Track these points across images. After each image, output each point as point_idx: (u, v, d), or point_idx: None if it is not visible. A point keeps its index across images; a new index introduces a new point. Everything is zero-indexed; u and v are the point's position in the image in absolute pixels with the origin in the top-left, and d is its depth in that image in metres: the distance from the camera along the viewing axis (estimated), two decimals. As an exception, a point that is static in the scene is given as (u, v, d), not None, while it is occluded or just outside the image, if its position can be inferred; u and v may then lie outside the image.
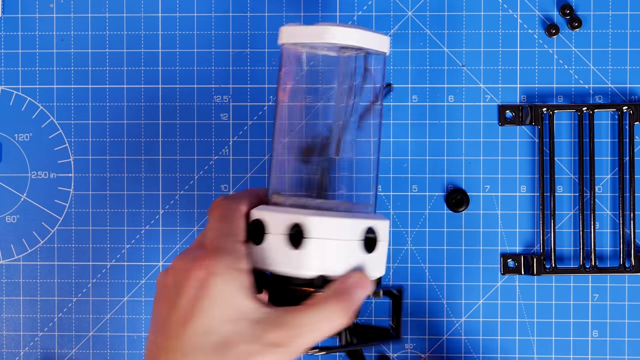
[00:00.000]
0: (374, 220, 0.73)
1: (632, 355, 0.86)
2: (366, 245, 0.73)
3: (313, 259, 0.71)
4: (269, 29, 0.87)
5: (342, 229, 0.72)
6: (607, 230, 0.86)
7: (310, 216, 0.71)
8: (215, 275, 0.67)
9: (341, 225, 0.72)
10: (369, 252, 0.73)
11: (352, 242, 0.72)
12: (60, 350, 0.87)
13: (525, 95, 0.86)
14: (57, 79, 0.87)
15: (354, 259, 0.72)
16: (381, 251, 0.74)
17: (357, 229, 0.72)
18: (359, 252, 0.72)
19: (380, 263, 0.74)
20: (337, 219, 0.72)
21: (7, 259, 0.88)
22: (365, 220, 0.73)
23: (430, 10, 0.86)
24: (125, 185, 0.87)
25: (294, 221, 0.72)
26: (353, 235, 0.72)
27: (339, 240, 0.72)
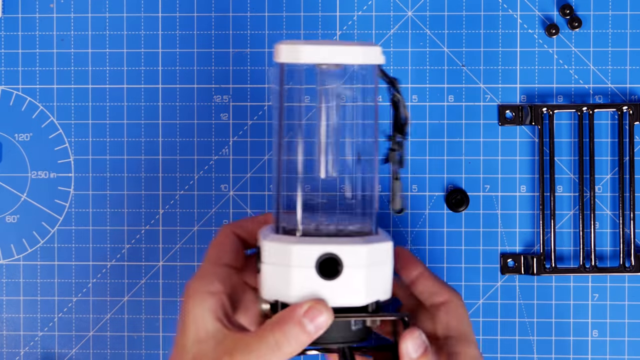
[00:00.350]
0: (339, 245, 0.71)
1: (632, 355, 0.86)
2: (322, 271, 0.70)
3: (265, 284, 0.71)
4: (269, 29, 0.87)
5: (296, 255, 0.70)
6: (607, 230, 0.86)
7: (265, 241, 0.72)
8: (189, 298, 0.72)
9: (294, 252, 0.70)
10: (328, 278, 0.70)
11: (305, 269, 0.70)
12: (60, 350, 0.87)
13: (525, 95, 0.86)
14: (57, 79, 0.87)
15: (309, 286, 0.70)
16: (348, 277, 0.70)
17: (310, 256, 0.70)
18: (315, 279, 0.70)
19: (348, 290, 0.70)
20: (291, 245, 0.71)
21: (7, 259, 0.88)
22: (324, 245, 0.70)
23: (430, 10, 0.86)
24: (125, 185, 0.87)
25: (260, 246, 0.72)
26: (306, 262, 0.70)
27: (291, 266, 0.70)
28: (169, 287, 0.87)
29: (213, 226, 0.87)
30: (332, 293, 0.70)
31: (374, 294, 0.71)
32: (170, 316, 0.87)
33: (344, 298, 0.70)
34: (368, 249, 0.71)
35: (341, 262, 0.70)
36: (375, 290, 0.71)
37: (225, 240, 0.75)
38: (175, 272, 0.87)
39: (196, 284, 0.72)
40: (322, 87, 0.75)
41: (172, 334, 0.87)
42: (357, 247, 0.70)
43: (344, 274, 0.70)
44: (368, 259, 0.71)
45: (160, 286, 0.87)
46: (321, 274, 0.70)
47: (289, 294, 0.70)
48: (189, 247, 0.87)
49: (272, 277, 0.71)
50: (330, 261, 0.70)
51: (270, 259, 0.71)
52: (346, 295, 0.70)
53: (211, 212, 0.87)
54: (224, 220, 0.86)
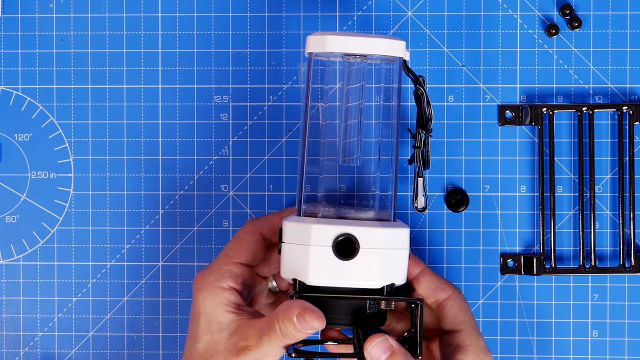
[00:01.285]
0: (356, 227, 0.73)
1: (632, 355, 0.86)
2: (339, 252, 0.73)
3: (285, 263, 0.75)
4: (269, 29, 0.87)
5: (315, 234, 0.73)
6: (607, 230, 0.86)
7: (286, 222, 0.75)
8: (199, 291, 0.77)
9: (313, 230, 0.73)
10: (345, 259, 0.73)
11: (322, 247, 0.73)
12: (60, 350, 0.87)
13: (525, 95, 0.86)
14: (57, 79, 0.87)
15: (325, 266, 0.73)
16: (364, 259, 0.73)
17: (327, 235, 0.73)
18: (332, 259, 0.73)
19: (363, 271, 0.73)
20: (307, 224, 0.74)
21: (7, 259, 0.88)
22: (342, 226, 0.73)
23: (430, 10, 0.86)
24: (125, 185, 0.87)
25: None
26: (323, 241, 0.73)
27: (310, 245, 0.74)
28: (169, 287, 0.87)
29: (213, 226, 0.87)
30: (349, 274, 0.73)
31: (389, 277, 0.74)
32: (170, 316, 0.87)
33: (359, 279, 0.73)
34: (385, 232, 0.73)
35: (358, 243, 0.73)
36: (391, 273, 0.74)
37: (247, 238, 0.78)
38: (175, 272, 0.87)
39: (208, 277, 0.76)
40: (347, 70, 0.79)
41: (172, 334, 0.87)
42: (375, 230, 0.73)
43: (360, 255, 0.73)
44: (384, 242, 0.73)
45: (160, 286, 0.87)
46: (338, 254, 0.73)
47: (307, 273, 0.73)
48: (189, 247, 0.87)
49: (291, 256, 0.74)
50: (347, 242, 0.73)
51: (290, 239, 0.74)
52: (362, 276, 0.73)
53: (211, 212, 0.87)
54: (249, 216, 0.86)
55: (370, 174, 0.80)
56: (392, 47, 0.74)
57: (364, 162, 0.80)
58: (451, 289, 0.79)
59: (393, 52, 0.75)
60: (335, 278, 0.73)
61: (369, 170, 0.80)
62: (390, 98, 0.79)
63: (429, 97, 0.78)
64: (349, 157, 0.79)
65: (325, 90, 0.79)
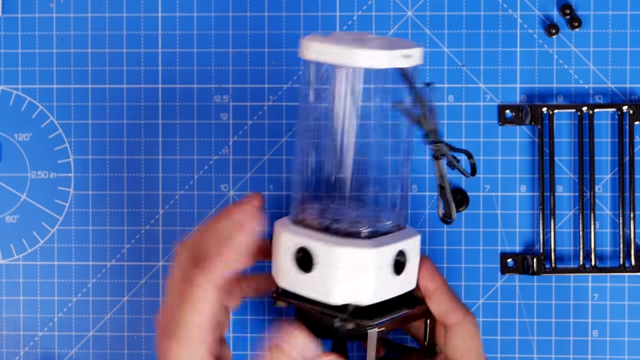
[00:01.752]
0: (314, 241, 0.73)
1: (632, 355, 0.86)
2: (299, 261, 0.73)
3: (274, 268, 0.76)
4: (269, 29, 0.87)
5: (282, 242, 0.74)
6: (607, 230, 0.86)
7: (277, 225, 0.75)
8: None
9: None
10: (303, 271, 0.73)
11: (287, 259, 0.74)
12: (60, 350, 0.87)
13: (525, 95, 0.86)
14: (57, 78, 0.87)
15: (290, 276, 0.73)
16: (320, 272, 0.72)
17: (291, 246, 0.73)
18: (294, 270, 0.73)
19: (321, 286, 0.72)
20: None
21: (7, 259, 0.88)
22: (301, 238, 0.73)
23: (430, 10, 0.86)
24: (125, 185, 0.87)
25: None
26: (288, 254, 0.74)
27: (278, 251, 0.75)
28: (169, 287, 0.87)
29: (213, 226, 0.87)
30: (310, 286, 0.72)
31: (348, 296, 0.72)
32: (170, 316, 0.87)
33: (318, 293, 0.72)
34: (344, 252, 0.72)
35: (313, 258, 0.72)
36: (350, 293, 0.72)
37: (208, 309, 0.70)
38: (175, 272, 0.87)
39: (180, 352, 0.70)
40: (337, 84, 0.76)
41: (172, 334, 0.87)
42: (334, 248, 0.72)
43: (318, 270, 0.72)
44: (343, 261, 0.71)
45: (160, 286, 0.87)
46: (298, 264, 0.73)
47: (277, 277, 0.74)
48: (189, 247, 0.87)
49: (274, 257, 0.74)
50: (307, 255, 0.72)
51: (274, 241, 0.74)
52: (320, 290, 0.72)
53: (211, 212, 0.87)
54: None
55: (353, 183, 0.79)
56: (378, 58, 0.71)
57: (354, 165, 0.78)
58: (461, 313, 0.75)
59: (375, 65, 0.71)
60: (297, 287, 0.73)
61: (361, 173, 0.79)
62: (384, 102, 0.76)
63: (427, 106, 0.74)
64: (334, 170, 0.77)
65: (319, 93, 0.77)
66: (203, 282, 0.69)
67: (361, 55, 0.70)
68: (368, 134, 0.75)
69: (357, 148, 0.75)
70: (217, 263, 0.69)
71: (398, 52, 0.71)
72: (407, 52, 0.71)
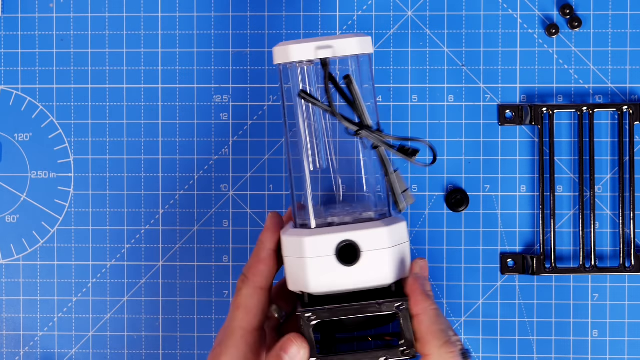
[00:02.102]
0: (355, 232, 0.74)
1: (632, 355, 0.86)
2: (341, 258, 0.74)
3: (289, 277, 0.76)
4: (269, 29, 0.87)
5: (309, 247, 0.75)
6: (607, 230, 0.86)
7: (284, 236, 0.76)
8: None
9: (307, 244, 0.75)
10: (348, 264, 0.74)
11: (321, 258, 0.74)
12: (60, 350, 0.87)
13: (525, 95, 0.86)
14: (57, 78, 0.87)
15: (327, 274, 0.74)
16: (369, 260, 0.74)
17: (325, 245, 0.74)
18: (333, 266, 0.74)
19: (368, 273, 0.74)
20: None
21: (7, 259, 0.88)
22: (338, 234, 0.74)
23: (430, 10, 0.86)
24: (125, 185, 0.87)
25: None
26: (322, 252, 0.74)
27: (306, 258, 0.75)
28: (169, 287, 0.87)
29: (213, 226, 0.87)
30: (355, 278, 0.74)
31: (398, 272, 0.75)
32: (170, 316, 0.87)
33: (368, 282, 0.74)
34: (387, 231, 0.74)
35: (358, 247, 0.74)
36: (399, 268, 0.75)
37: (253, 304, 0.77)
38: (175, 272, 0.87)
39: (227, 356, 0.76)
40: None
41: (172, 333, 0.87)
42: (376, 230, 0.74)
43: (365, 257, 0.74)
44: (389, 240, 0.74)
45: (160, 286, 0.87)
46: (342, 261, 0.74)
47: (308, 285, 0.74)
48: (189, 247, 0.87)
49: (293, 269, 0.75)
50: (349, 248, 0.74)
51: (288, 252, 0.75)
52: (370, 277, 0.74)
53: (211, 212, 0.87)
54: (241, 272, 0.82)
55: (359, 176, 0.80)
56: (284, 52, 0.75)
57: (349, 161, 0.80)
58: (433, 348, 0.74)
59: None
60: (339, 285, 0.74)
61: (357, 170, 0.80)
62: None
63: (355, 94, 0.76)
64: (317, 161, 0.79)
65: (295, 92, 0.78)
66: (245, 287, 0.77)
67: (277, 51, 0.75)
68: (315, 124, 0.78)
69: (311, 141, 0.78)
70: (256, 270, 0.77)
71: (312, 44, 0.74)
72: (322, 44, 0.74)
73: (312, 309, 0.74)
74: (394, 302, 0.74)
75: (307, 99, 0.75)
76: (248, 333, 0.76)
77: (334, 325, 0.76)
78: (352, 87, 0.75)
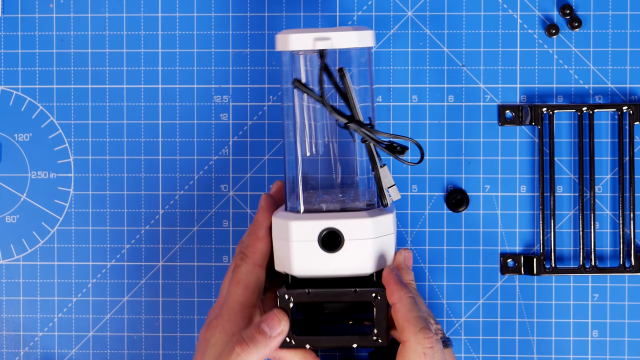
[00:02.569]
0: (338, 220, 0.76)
1: (632, 355, 0.86)
2: (324, 244, 0.76)
3: (276, 257, 0.79)
4: (269, 29, 0.87)
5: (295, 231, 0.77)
6: (607, 230, 0.86)
7: (274, 217, 0.78)
8: (217, 341, 0.78)
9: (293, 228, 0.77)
10: (330, 251, 0.76)
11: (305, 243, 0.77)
12: (60, 350, 0.87)
13: (525, 95, 0.86)
14: (57, 79, 0.87)
15: (310, 259, 0.77)
16: (351, 248, 0.76)
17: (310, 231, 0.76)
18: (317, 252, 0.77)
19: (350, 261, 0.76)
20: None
21: (7, 259, 0.88)
22: (323, 221, 0.76)
23: (430, 10, 0.86)
24: (125, 185, 0.87)
25: None
26: (306, 237, 0.77)
27: (291, 241, 0.77)
28: (169, 287, 0.87)
29: (213, 226, 0.87)
30: (337, 265, 0.76)
31: (379, 263, 0.77)
32: (170, 316, 0.87)
33: (349, 269, 0.76)
34: (371, 222, 0.76)
35: (342, 235, 0.76)
36: (380, 259, 0.77)
37: (251, 280, 0.79)
38: (175, 272, 0.87)
39: (224, 329, 0.78)
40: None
41: (172, 334, 0.87)
42: (360, 221, 0.76)
43: (347, 246, 0.76)
44: (373, 231, 0.76)
45: (160, 286, 0.87)
46: (324, 247, 0.76)
47: (291, 267, 0.76)
48: (189, 247, 0.87)
49: (280, 251, 0.77)
50: (332, 235, 0.76)
51: (277, 234, 0.77)
52: (351, 266, 0.76)
53: (211, 212, 0.87)
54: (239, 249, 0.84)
55: (350, 167, 0.82)
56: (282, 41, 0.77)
57: (342, 151, 0.81)
58: (409, 334, 0.74)
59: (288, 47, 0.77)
60: (321, 270, 0.76)
61: (349, 161, 0.82)
62: (362, 82, 0.80)
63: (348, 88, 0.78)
64: (311, 149, 0.81)
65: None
66: (244, 263, 0.79)
67: (279, 39, 0.77)
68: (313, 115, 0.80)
69: (309, 130, 0.80)
70: (255, 248, 0.79)
71: (312, 35, 0.76)
72: (320, 35, 0.76)
73: (291, 290, 0.76)
74: (371, 292, 0.76)
75: (300, 88, 0.77)
76: (246, 308, 0.78)
77: (315, 308, 0.78)
78: (345, 80, 0.77)
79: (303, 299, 0.76)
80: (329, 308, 0.78)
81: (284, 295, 0.76)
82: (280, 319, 0.76)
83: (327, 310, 0.78)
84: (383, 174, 0.78)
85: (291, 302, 0.76)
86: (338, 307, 0.78)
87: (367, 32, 0.77)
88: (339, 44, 0.76)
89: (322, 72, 0.76)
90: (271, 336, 0.76)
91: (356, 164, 0.80)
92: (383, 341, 0.76)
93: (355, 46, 0.77)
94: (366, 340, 0.76)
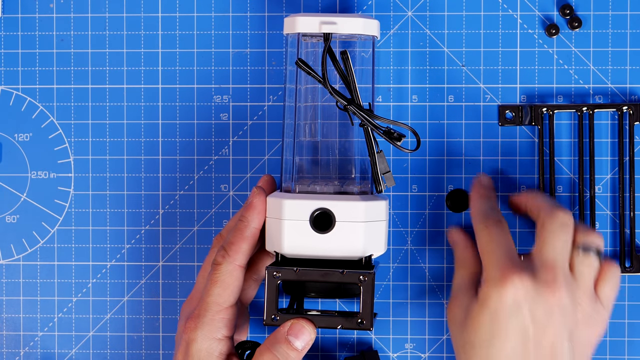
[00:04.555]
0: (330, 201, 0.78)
1: (632, 355, 0.86)
2: (315, 224, 0.77)
3: (267, 237, 0.80)
4: (269, 29, 0.87)
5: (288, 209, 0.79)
6: (607, 230, 0.86)
7: (269, 197, 0.79)
8: (195, 342, 0.78)
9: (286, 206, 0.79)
10: (321, 231, 0.77)
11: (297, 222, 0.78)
12: (60, 350, 0.87)
13: (525, 95, 0.86)
14: (57, 79, 0.87)
15: (301, 238, 0.78)
16: (342, 230, 0.77)
17: (303, 210, 0.78)
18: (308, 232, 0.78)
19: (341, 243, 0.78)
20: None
21: (7, 259, 0.88)
22: (315, 201, 0.78)
23: (430, 10, 0.86)
24: (125, 185, 0.87)
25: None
26: (298, 216, 0.78)
27: (283, 220, 0.78)
28: (169, 287, 0.87)
29: (213, 226, 0.87)
30: (327, 246, 0.78)
31: (369, 248, 0.78)
32: (170, 316, 0.87)
33: (339, 251, 0.78)
34: (364, 205, 0.77)
35: (334, 216, 0.77)
36: (371, 245, 0.78)
37: (231, 281, 0.78)
38: (175, 272, 0.87)
39: (201, 328, 0.78)
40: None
41: (172, 334, 0.87)
42: (353, 203, 0.77)
43: (338, 227, 0.77)
44: (364, 214, 0.77)
45: (160, 286, 0.87)
46: (315, 227, 0.77)
47: (282, 245, 0.78)
48: (189, 247, 0.87)
49: (271, 230, 0.78)
50: (324, 216, 0.77)
51: (270, 214, 0.79)
52: (341, 248, 0.77)
53: (211, 212, 0.87)
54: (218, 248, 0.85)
55: (346, 151, 0.83)
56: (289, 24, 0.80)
57: (340, 135, 0.83)
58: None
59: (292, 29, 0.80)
60: (311, 250, 0.78)
61: (345, 146, 0.83)
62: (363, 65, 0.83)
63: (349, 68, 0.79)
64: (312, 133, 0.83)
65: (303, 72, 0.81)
66: (226, 263, 0.78)
67: (287, 22, 0.80)
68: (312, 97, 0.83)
69: (307, 113, 0.83)
70: (238, 248, 0.79)
71: (318, 19, 0.79)
72: (326, 19, 0.79)
73: (279, 267, 0.77)
74: (359, 274, 0.77)
75: (303, 68, 0.79)
76: (223, 309, 0.78)
77: (302, 288, 0.79)
78: (348, 63, 0.79)
79: (291, 277, 0.77)
80: (315, 289, 0.79)
81: (272, 272, 0.77)
82: (310, 329, 0.77)
83: (313, 291, 0.79)
84: (379, 160, 0.79)
85: (279, 280, 0.77)
86: (325, 287, 0.79)
87: (373, 22, 0.80)
88: (345, 29, 0.79)
89: (325, 54, 0.78)
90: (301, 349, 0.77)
91: (353, 149, 0.82)
92: (367, 324, 0.77)
93: (360, 32, 0.79)
94: (351, 322, 0.77)
